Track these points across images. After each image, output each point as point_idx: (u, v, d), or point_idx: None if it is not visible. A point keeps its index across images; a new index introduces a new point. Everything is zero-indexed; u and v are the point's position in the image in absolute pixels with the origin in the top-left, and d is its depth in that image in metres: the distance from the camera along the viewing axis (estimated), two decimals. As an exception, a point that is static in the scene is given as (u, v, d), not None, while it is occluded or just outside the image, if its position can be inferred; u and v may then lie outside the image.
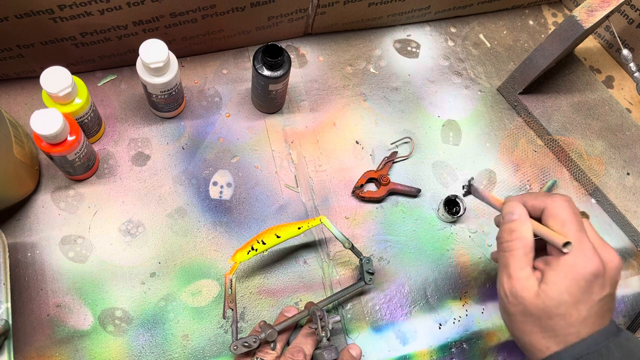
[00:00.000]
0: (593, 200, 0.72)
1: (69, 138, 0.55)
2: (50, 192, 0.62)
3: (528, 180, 0.72)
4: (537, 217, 0.48)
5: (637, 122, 0.75)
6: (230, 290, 0.59)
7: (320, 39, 0.75)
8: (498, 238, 0.49)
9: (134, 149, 0.66)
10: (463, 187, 0.55)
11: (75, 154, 0.57)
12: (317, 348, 0.57)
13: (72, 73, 0.55)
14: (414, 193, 0.68)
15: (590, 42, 0.82)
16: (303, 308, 0.60)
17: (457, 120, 0.73)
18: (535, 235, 0.47)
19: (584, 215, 0.50)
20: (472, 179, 0.54)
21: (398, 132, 0.71)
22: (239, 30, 0.69)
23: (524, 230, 0.46)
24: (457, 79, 0.76)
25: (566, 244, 0.43)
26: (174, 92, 0.62)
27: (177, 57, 0.60)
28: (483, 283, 0.66)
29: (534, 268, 0.46)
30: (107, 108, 0.67)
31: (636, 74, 0.68)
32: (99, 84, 0.68)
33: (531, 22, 0.82)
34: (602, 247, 0.46)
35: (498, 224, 0.53)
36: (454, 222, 0.68)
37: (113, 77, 0.69)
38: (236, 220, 0.64)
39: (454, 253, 0.67)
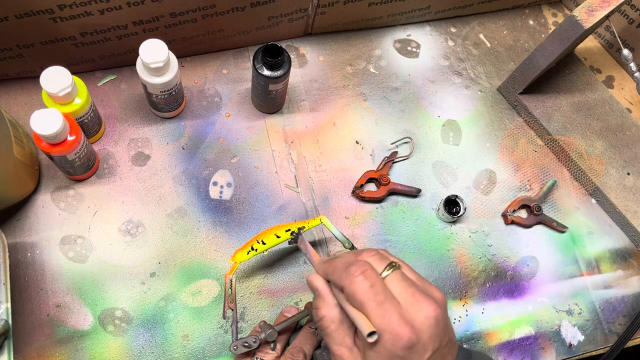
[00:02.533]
0: (593, 200, 0.72)
1: (69, 138, 0.55)
2: (50, 192, 0.62)
3: (528, 180, 0.72)
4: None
5: (637, 122, 0.75)
6: (230, 290, 0.59)
7: (320, 39, 0.75)
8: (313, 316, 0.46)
9: (134, 149, 0.66)
10: (291, 233, 0.57)
11: (75, 154, 0.57)
12: (317, 348, 0.57)
13: (72, 73, 0.55)
14: (414, 193, 0.68)
15: (590, 42, 0.82)
16: (303, 308, 0.60)
17: (457, 120, 0.73)
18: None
19: (393, 267, 0.43)
20: (303, 228, 0.52)
21: (398, 132, 0.71)
22: (239, 30, 0.69)
23: (327, 307, 0.44)
24: (457, 78, 0.76)
25: (371, 333, 0.40)
26: (174, 92, 0.62)
27: (177, 57, 0.60)
28: (483, 283, 0.66)
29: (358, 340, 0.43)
30: (107, 108, 0.67)
31: (636, 74, 0.68)
32: (99, 84, 0.68)
33: (531, 22, 0.82)
34: (414, 305, 0.41)
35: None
36: (454, 222, 0.68)
37: (113, 77, 0.69)
38: (236, 220, 0.64)
39: (454, 253, 0.67)
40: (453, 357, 0.43)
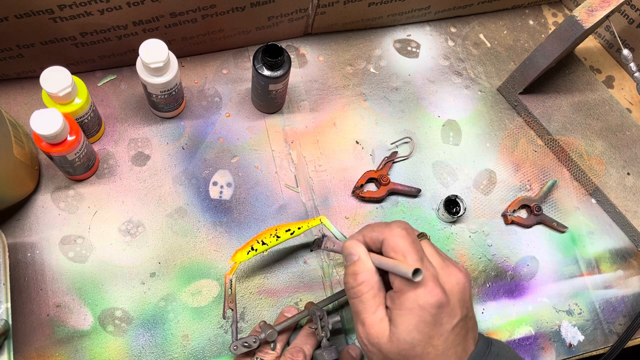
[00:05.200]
0: (593, 200, 0.72)
1: (69, 138, 0.55)
2: (50, 192, 0.62)
3: (528, 180, 0.72)
4: (379, 250, 0.45)
5: (637, 122, 0.75)
6: (230, 290, 0.59)
7: (320, 39, 0.75)
8: (345, 283, 0.46)
9: (134, 149, 0.66)
10: (313, 242, 0.57)
11: (75, 154, 0.57)
12: (317, 348, 0.57)
13: (72, 73, 0.55)
14: (414, 193, 0.68)
15: (590, 42, 0.82)
16: (303, 308, 0.60)
17: (457, 120, 0.73)
18: (383, 270, 0.44)
19: (423, 236, 0.46)
20: (324, 236, 0.50)
21: (398, 132, 0.71)
22: (239, 30, 0.69)
23: (367, 272, 0.44)
24: (457, 78, 0.76)
25: (416, 272, 0.40)
26: (174, 92, 0.62)
27: (177, 57, 0.60)
28: (483, 283, 0.66)
29: (387, 307, 0.43)
30: (107, 108, 0.67)
31: (636, 74, 0.68)
32: (99, 84, 0.68)
33: (531, 22, 0.82)
34: (445, 269, 0.43)
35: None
36: (454, 222, 0.68)
37: (113, 77, 0.69)
38: (236, 220, 0.64)
39: (454, 253, 0.67)
40: (475, 334, 0.45)
